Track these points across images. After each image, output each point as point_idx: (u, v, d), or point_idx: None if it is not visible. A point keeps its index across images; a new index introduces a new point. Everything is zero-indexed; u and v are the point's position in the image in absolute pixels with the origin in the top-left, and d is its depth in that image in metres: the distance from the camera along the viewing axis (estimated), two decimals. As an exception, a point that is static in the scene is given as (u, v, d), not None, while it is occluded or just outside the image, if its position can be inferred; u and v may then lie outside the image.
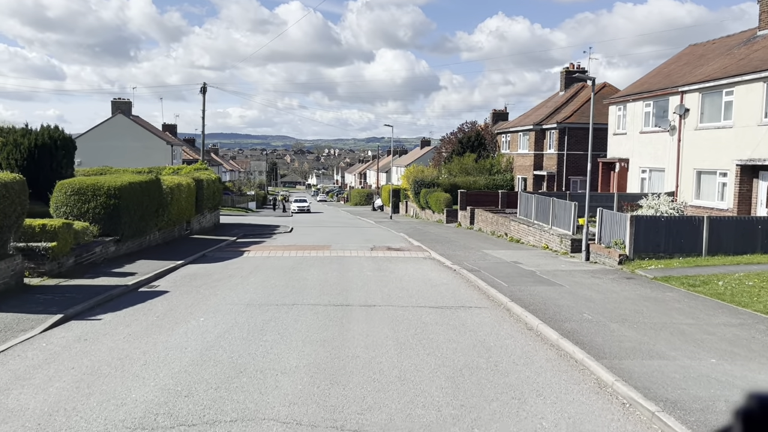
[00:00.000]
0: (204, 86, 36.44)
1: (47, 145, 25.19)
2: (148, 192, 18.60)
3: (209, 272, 15.33)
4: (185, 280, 13.86)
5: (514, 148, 44.18)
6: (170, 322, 9.53)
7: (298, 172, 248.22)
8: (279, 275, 14.79)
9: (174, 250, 19.55)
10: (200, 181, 26.51)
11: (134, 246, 18.52)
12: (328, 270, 15.78)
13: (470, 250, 20.94)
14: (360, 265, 16.96)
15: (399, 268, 16.54)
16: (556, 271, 15.57)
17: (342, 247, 21.75)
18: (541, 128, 40.42)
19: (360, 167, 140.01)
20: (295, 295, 12.03)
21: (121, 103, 55.48)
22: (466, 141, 47.60)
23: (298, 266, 16.54)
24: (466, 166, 45.35)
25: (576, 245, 19.02)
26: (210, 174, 30.51)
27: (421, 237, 26.46)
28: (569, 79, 44.53)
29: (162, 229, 21.26)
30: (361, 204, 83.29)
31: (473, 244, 23.24)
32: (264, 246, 22.16)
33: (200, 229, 27.59)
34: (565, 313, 10.19)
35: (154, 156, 52.68)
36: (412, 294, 12.31)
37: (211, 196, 29.30)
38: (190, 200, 24.16)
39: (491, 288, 12.70)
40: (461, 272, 15.47)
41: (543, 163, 40.60)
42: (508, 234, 25.58)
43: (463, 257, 18.64)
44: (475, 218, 31.49)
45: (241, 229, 30.65)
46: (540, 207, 23.11)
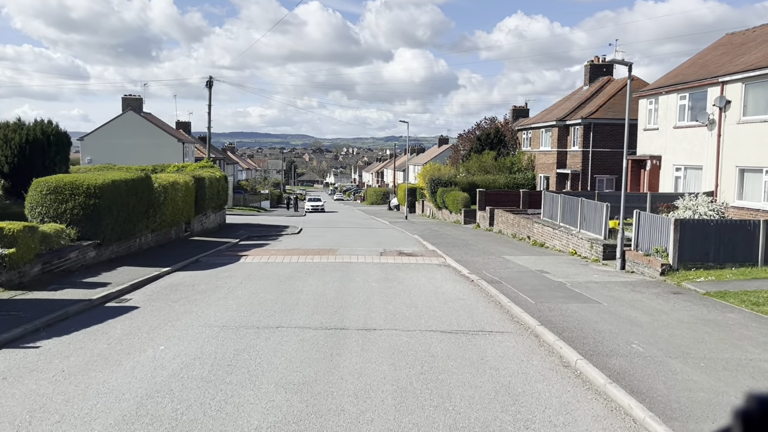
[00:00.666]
0: (210, 80, 34.87)
1: (39, 141, 23.72)
2: (135, 191, 16.95)
3: (195, 282, 13.60)
4: (163, 293, 12.14)
5: (536, 146, 42.04)
6: (121, 351, 7.78)
7: (316, 171, 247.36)
8: (272, 286, 13.01)
9: (165, 255, 17.89)
10: (201, 179, 24.87)
11: (121, 250, 16.89)
12: (328, 280, 13.97)
13: (490, 255, 19.01)
14: (366, 273, 15.13)
15: (409, 277, 14.67)
16: (589, 282, 13.59)
17: (349, 251, 19.94)
18: (564, 124, 38.25)
19: (377, 166, 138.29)
20: (283, 313, 10.23)
21: (131, 99, 54.27)
22: (485, 138, 45.53)
23: (296, 275, 14.75)
24: (485, 164, 43.31)
25: (609, 252, 17.00)
26: (214, 172, 28.90)
27: (436, 240, 24.56)
28: (594, 72, 42.28)
29: (155, 231, 19.63)
30: (377, 203, 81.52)
31: (493, 248, 21.29)
32: (265, 250, 20.43)
33: (202, 231, 25.98)
34: (609, 343, 8.25)
35: (164, 154, 51.37)
36: (422, 312, 10.45)
37: (215, 196, 27.68)
38: (188, 200, 22.52)
39: (515, 305, 10.79)
40: (480, 283, 13.56)
41: (566, 161, 38.42)
42: (531, 237, 23.57)
43: (482, 264, 16.72)
44: (495, 219, 29.49)
45: (247, 230, 29.00)
46: (567, 208, 21.09)
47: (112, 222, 15.65)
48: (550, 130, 39.83)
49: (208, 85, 34.73)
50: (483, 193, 34.12)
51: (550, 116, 40.83)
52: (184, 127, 71.37)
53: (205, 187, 25.25)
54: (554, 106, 43.75)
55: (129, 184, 16.52)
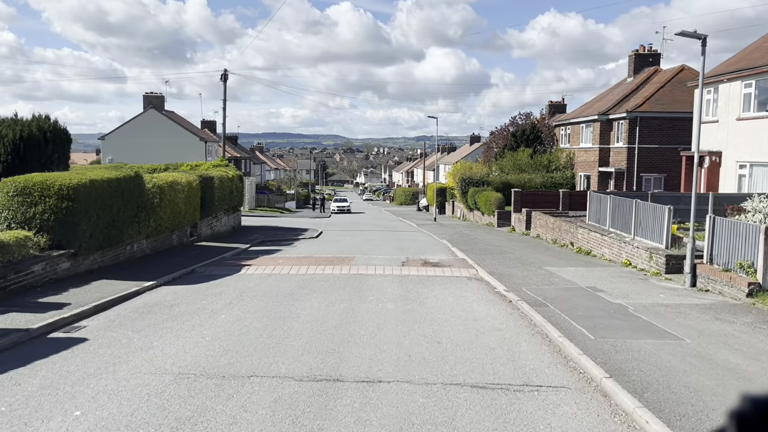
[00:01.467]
0: (225, 73, 32.85)
1: (35, 138, 21.89)
2: (121, 192, 14.85)
3: (176, 301, 11.38)
4: (130, 318, 9.92)
5: (575, 142, 39.06)
6: (18, 419, 5.53)
7: (346, 171, 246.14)
8: (264, 309, 10.70)
9: (158, 265, 15.78)
10: (208, 178, 22.78)
11: (106, 260, 14.81)
12: (335, 299, 11.60)
13: (529, 266, 16.41)
14: (381, 290, 12.71)
15: (433, 295, 12.21)
16: (657, 306, 10.94)
17: (367, 260, 17.56)
18: (607, 118, 35.23)
19: (407, 165, 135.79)
20: (265, 351, 7.89)
21: (153, 97, 52.93)
22: (520, 135, 42.69)
23: (299, 292, 12.41)
24: (519, 162, 40.51)
25: (673, 264, 14.26)
26: (227, 171, 26.85)
27: (467, 246, 22.01)
28: (639, 63, 39.11)
29: (151, 236, 17.55)
30: (406, 203, 79.09)
31: (532, 257, 18.66)
32: (274, 258, 18.19)
33: (212, 235, 23.91)
34: (717, 413, 5.69)
35: (186, 153, 49.78)
36: (447, 352, 7.99)
37: (227, 196, 25.61)
38: (192, 201, 20.43)
39: (569, 342, 8.25)
40: (520, 306, 11.02)
41: (609, 159, 35.39)
42: (574, 244, 20.85)
43: (521, 278, 14.15)
44: (533, 222, 26.78)
45: (263, 234, 26.88)
46: (618, 211, 18.33)
47: (90, 228, 13.55)
48: (591, 125, 36.82)
49: (222, 79, 32.74)
50: (518, 194, 31.39)
51: (591, 110, 37.82)
52: (210, 126, 69.96)
53: (213, 188, 23.18)
54: (595, 100, 40.68)
55: (113, 184, 14.42)
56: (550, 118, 45.80)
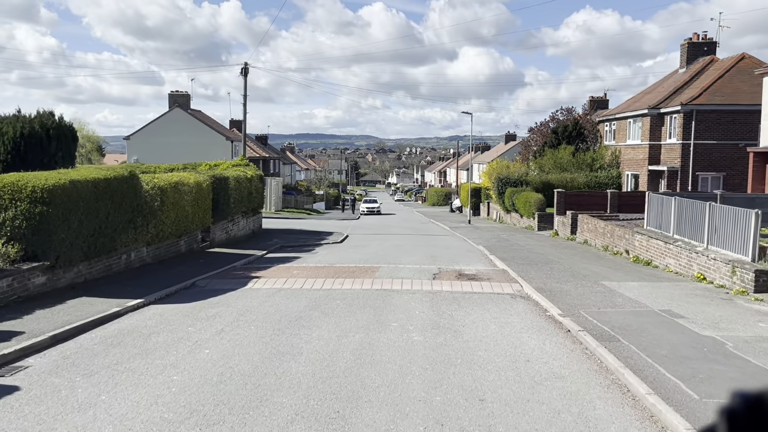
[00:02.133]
0: (245, 67, 30.99)
1: (37, 135, 20.34)
2: (111, 194, 12.98)
3: (157, 327, 9.39)
4: (90, 354, 7.95)
5: (622, 139, 36.20)
6: None
7: (378, 171, 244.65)
8: (262, 339, 8.62)
9: (155, 277, 13.89)
10: (223, 179, 20.90)
11: (95, 271, 12.96)
12: (350, 326, 9.46)
13: (583, 280, 14.02)
14: (408, 313, 10.52)
15: (471, 321, 9.97)
16: (762, 340, 8.50)
17: (393, 271, 15.37)
18: (658, 112, 32.34)
19: (440, 165, 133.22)
20: (241, 416, 5.77)
21: (178, 96, 51.70)
22: (562, 131, 39.97)
23: (308, 315, 10.30)
24: (560, 160, 37.84)
25: (765, 281, 11.73)
26: (245, 170, 25.01)
27: (506, 253, 19.65)
28: (693, 52, 36.03)
29: (153, 243, 15.69)
30: (438, 204, 76.71)
31: (584, 267, 16.23)
32: (289, 268, 16.16)
33: (227, 240, 22.06)
34: None
35: (212, 152, 48.34)
36: (493, 419, 5.75)
37: (244, 198, 23.75)
38: (201, 204, 18.56)
39: (665, 405, 5.92)
40: (583, 339, 8.69)
41: (660, 156, 32.50)
42: (630, 252, 18.32)
43: (577, 297, 11.80)
44: (579, 226, 24.22)
45: (284, 238, 24.96)
46: (685, 215, 15.77)
47: (71, 236, 11.69)
48: (639, 120, 33.96)
49: (243, 73, 30.91)
50: (562, 195, 28.80)
51: (640, 104, 34.94)
52: (238, 125, 68.58)
53: (228, 189, 21.30)
54: (644, 93, 37.73)
55: (100, 185, 12.53)
56: (593, 114, 42.94)
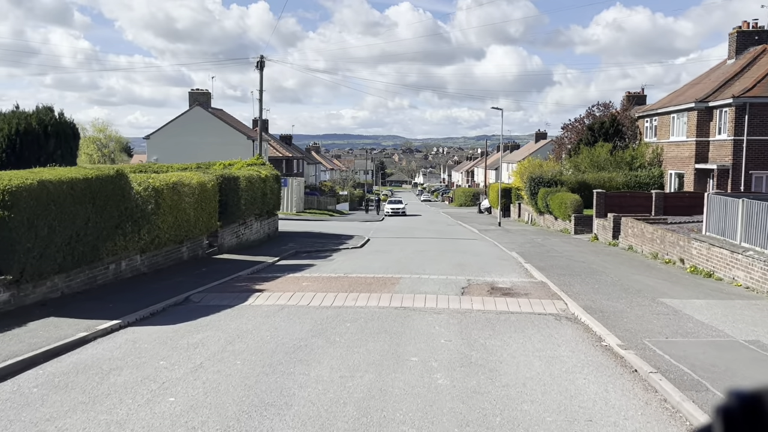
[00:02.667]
0: (261, 60, 29.36)
1: (34, 132, 18.95)
2: (92, 197, 11.35)
3: (123, 360, 7.68)
4: (23, 401, 6.26)
5: (664, 135, 33.71)
6: None
7: (405, 171, 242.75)
8: (245, 380, 6.83)
9: (146, 290, 12.25)
10: (232, 179, 19.25)
11: (75, 284, 11.35)
12: (359, 361, 7.62)
13: (636, 295, 11.96)
14: (431, 341, 8.63)
15: (510, 354, 8.04)
16: None
17: (416, 283, 13.49)
18: (705, 106, 29.83)
19: (467, 165, 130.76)
20: None
21: (198, 94, 50.53)
22: (598, 128, 37.56)
23: (310, 343, 8.49)
24: (597, 159, 35.48)
25: None
26: (258, 170, 23.39)
27: (543, 261, 17.61)
28: (742, 41, 33.37)
29: (148, 251, 14.07)
30: (466, 205, 74.50)
31: (634, 279, 14.14)
32: (299, 278, 14.39)
33: (238, 245, 20.42)
34: None
35: (233, 152, 46.85)
36: None
37: (258, 199, 22.11)
38: (206, 206, 16.93)
39: None
40: (657, 384, 6.69)
41: (709, 154, 29.98)
42: (686, 261, 16.14)
43: (635, 320, 9.78)
44: (623, 230, 22.01)
45: (300, 242, 23.27)
46: (756, 219, 13.56)
47: (40, 245, 10.07)
48: (684, 114, 31.46)
49: (258, 66, 29.32)
50: (602, 196, 26.54)
51: (684, 98, 32.43)
52: (262, 124, 67.39)
53: (239, 189, 19.66)
54: (688, 86, 35.14)
55: (77, 186, 10.90)
56: (631, 108, 40.42)
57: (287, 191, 43.92)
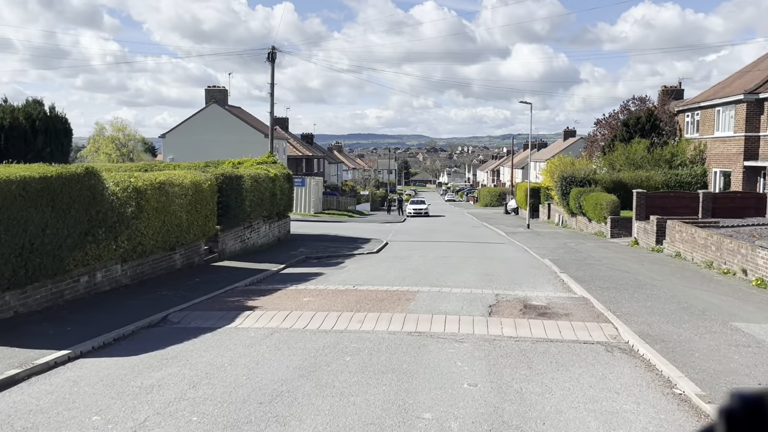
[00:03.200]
0: (272, 51, 27.61)
1: (21, 128, 17.40)
2: (52, 200, 9.64)
3: (44, 416, 5.91)
4: None
5: (708, 131, 31.19)
6: None
7: (429, 171, 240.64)
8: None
9: (119, 308, 10.54)
10: (233, 178, 17.54)
11: (34, 301, 9.67)
12: (352, 417, 5.71)
13: (701, 318, 9.86)
14: (451, 386, 6.69)
15: (554, 408, 6.07)
16: None
17: (436, 298, 11.55)
18: (756, 98, 27.30)
19: (493, 164, 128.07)
20: None
21: (215, 91, 49.18)
22: (634, 123, 35.14)
23: (293, 389, 6.61)
24: (633, 156, 33.09)
25: None
26: (269, 169, 21.70)
27: (581, 270, 15.53)
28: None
29: (132, 259, 12.37)
30: (492, 205, 72.19)
31: (693, 295, 12.00)
32: (301, 292, 12.56)
33: (242, 250, 18.72)
34: None
35: (250, 150, 45.12)
36: None
37: (266, 200, 20.40)
38: (202, 208, 15.22)
39: None
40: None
41: (759, 150, 27.44)
42: (748, 272, 13.92)
43: (708, 353, 7.73)
44: (669, 235, 19.76)
45: (312, 247, 21.52)
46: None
47: (-20, 257, 8.38)
48: (731, 107, 28.93)
49: (269, 58, 27.59)
50: (643, 196, 24.24)
51: (731, 89, 29.89)
52: (281, 123, 65.97)
53: (242, 190, 17.94)
54: (734, 77, 32.52)
55: (30, 187, 9.18)
56: (669, 104, 37.86)
57: (304, 191, 42.29)
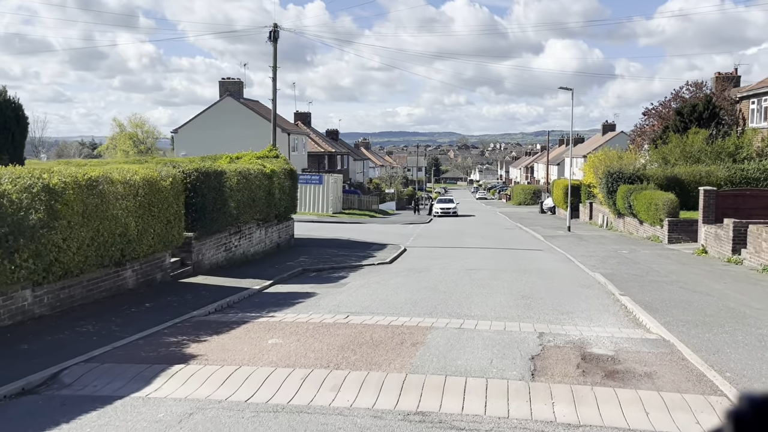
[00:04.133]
0: (274, 29, 24.36)
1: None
2: None
3: None
4: None
5: (779, 119, 27.04)
6: None
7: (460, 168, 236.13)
8: None
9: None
10: (211, 174, 14.40)
11: None
12: None
13: None
14: None
15: None
16: None
17: (454, 339, 8.15)
18: (842, 79, 23.11)
19: (526, 160, 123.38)
20: None
21: (229, 83, 46.43)
22: (689, 112, 31.03)
23: None
24: (690, 149, 29.07)
25: None
26: (267, 164, 18.61)
27: (646, 290, 11.93)
28: None
29: (45, 283, 9.27)
30: (525, 203, 68.15)
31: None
32: (272, 327, 9.28)
33: (229, 260, 15.62)
34: None
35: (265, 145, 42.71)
36: None
37: (260, 200, 17.31)
38: (161, 212, 12.08)
39: None
40: None
41: None
42: None
43: None
44: (751, 243, 15.93)
45: (316, 255, 18.36)
46: None
47: None
48: (810, 90, 24.78)
49: (271, 38, 24.43)
50: (712, 195, 20.34)
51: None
52: (303, 118, 63.10)
53: (224, 188, 14.81)
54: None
55: None
56: (729, 90, 33.59)
57: (322, 190, 39.22)
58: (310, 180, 39.38)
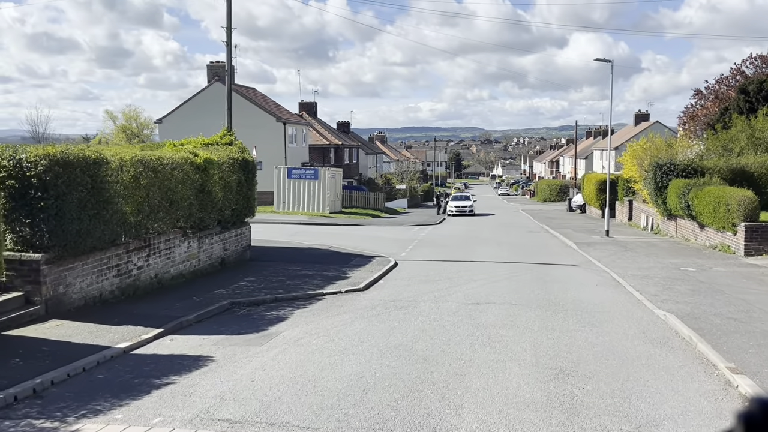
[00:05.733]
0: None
1: None
2: None
3: None
4: None
5: None
6: None
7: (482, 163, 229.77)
8: None
9: None
10: (76, 164, 9.49)
11: None
12: None
13: None
14: None
15: None
16: None
17: None
18: None
19: (551, 154, 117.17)
20: None
21: (218, 67, 41.78)
22: (756, 89, 25.38)
23: None
24: (761, 134, 23.47)
25: None
26: (204, 152, 13.74)
27: (764, 353, 6.72)
28: None
29: None
30: (551, 200, 62.38)
31: None
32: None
33: (122, 289, 10.74)
34: None
35: (258, 136, 37.73)
36: None
37: (189, 200, 12.53)
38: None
39: None
40: None
41: None
42: None
43: None
44: None
45: (267, 277, 13.49)
46: None
47: None
48: None
49: (224, -9, 19.51)
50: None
51: None
52: (308, 108, 58.25)
53: (105, 185, 9.90)
54: None
55: None
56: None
57: (317, 186, 34.27)
58: (304, 174, 34.49)
